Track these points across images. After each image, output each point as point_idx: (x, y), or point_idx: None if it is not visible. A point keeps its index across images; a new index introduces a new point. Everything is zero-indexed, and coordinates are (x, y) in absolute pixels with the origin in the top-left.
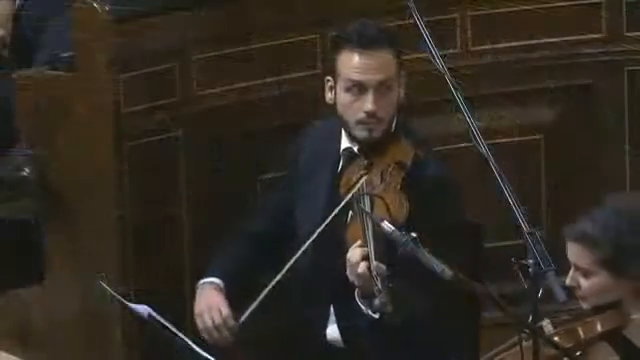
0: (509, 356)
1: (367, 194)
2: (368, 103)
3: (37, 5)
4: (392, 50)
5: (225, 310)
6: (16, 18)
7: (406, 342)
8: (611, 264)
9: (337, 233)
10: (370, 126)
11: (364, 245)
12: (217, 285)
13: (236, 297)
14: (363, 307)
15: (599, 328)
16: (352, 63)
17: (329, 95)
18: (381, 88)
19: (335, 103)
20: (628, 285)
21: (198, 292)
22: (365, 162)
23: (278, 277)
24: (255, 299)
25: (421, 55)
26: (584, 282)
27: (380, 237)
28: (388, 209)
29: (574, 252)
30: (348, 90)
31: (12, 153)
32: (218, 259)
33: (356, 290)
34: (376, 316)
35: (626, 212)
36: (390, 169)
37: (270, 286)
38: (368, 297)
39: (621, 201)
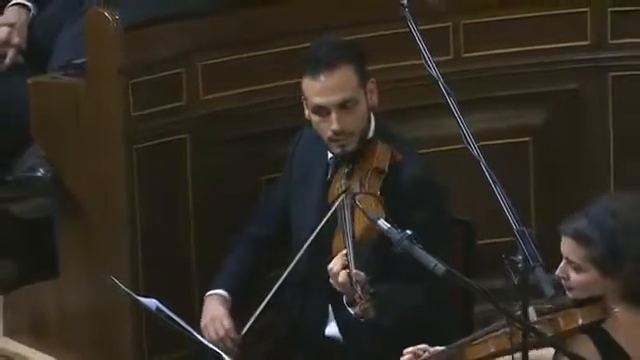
0: (495, 339)
1: (347, 204)
2: (333, 123)
3: (51, 13)
4: (351, 65)
5: (227, 322)
6: (31, 26)
7: (403, 338)
8: (602, 263)
9: (327, 240)
10: (341, 142)
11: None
12: (222, 297)
13: (245, 302)
14: (352, 312)
15: (580, 321)
16: (312, 88)
17: (306, 112)
18: (346, 105)
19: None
20: (615, 283)
21: (204, 304)
22: (346, 170)
23: (273, 290)
24: (255, 308)
25: (416, 62)
26: (574, 275)
27: (361, 246)
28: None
29: (568, 247)
30: (314, 112)
31: (27, 155)
32: (223, 269)
33: (344, 297)
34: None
35: (621, 214)
36: (369, 175)
37: (267, 299)
38: (352, 304)
39: (616, 202)
